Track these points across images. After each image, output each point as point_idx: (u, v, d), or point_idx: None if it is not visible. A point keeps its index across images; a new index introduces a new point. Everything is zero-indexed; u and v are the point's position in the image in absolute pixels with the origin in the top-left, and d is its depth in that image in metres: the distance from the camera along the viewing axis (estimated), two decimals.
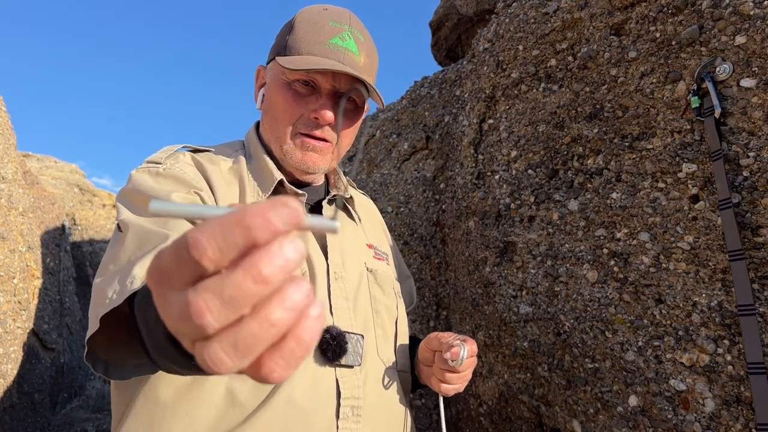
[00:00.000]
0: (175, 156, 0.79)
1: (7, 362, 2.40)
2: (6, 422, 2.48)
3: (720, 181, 0.90)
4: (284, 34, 0.81)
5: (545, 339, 1.20)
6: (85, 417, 3.39)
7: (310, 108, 0.78)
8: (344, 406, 0.70)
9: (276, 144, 0.81)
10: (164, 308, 0.25)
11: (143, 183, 0.71)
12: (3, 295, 2.38)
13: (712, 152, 0.92)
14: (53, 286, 3.35)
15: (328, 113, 0.77)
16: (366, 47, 0.81)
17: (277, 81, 0.80)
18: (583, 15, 1.23)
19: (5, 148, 2.60)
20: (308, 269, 0.76)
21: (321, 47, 0.77)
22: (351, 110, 0.83)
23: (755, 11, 0.90)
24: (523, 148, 1.34)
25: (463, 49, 3.11)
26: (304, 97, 0.79)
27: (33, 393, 2.83)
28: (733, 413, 0.85)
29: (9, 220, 2.52)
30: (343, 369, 0.72)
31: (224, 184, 0.79)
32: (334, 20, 0.79)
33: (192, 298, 0.23)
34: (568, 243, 1.18)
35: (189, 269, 0.23)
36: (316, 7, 0.82)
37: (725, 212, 0.88)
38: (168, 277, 0.24)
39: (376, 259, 0.90)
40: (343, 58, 0.77)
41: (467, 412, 1.58)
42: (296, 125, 0.79)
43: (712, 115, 0.92)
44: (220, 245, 0.22)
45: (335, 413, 0.69)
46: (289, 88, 0.79)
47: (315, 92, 0.79)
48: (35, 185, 3.63)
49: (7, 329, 2.38)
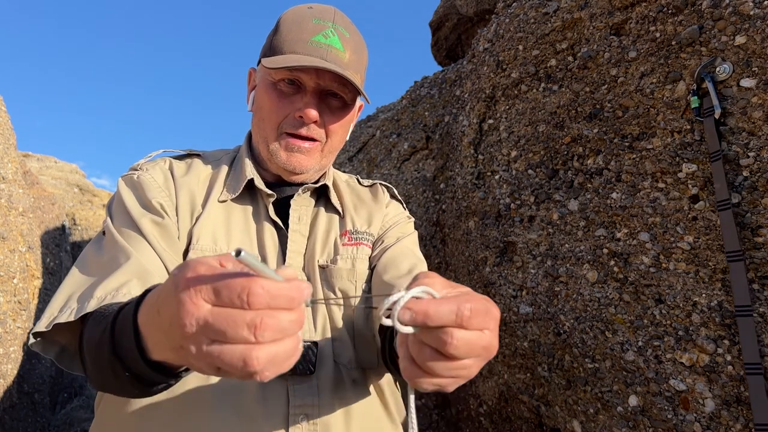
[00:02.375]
0: (153, 162, 0.82)
1: (7, 362, 2.40)
2: (6, 422, 2.48)
3: (719, 181, 0.90)
4: (270, 36, 0.82)
5: (545, 339, 1.20)
6: (85, 417, 3.39)
7: (295, 107, 0.78)
8: (294, 414, 0.69)
9: (263, 145, 0.81)
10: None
11: (122, 194, 0.78)
12: (3, 295, 2.38)
13: (711, 153, 0.92)
14: (53, 286, 3.35)
15: (312, 111, 0.76)
16: (352, 43, 0.80)
17: (263, 82, 0.80)
18: (583, 15, 1.23)
19: (5, 148, 2.60)
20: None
21: (304, 45, 0.77)
22: (338, 107, 0.81)
23: (755, 11, 0.90)
24: (523, 148, 1.34)
25: (463, 49, 3.11)
26: (289, 97, 0.78)
27: (33, 393, 2.83)
28: (733, 413, 0.85)
29: (9, 220, 2.52)
30: (295, 378, 0.71)
31: (194, 186, 0.81)
32: (318, 18, 0.79)
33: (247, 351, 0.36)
34: (568, 243, 1.18)
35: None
36: (301, 7, 0.82)
37: (724, 213, 0.88)
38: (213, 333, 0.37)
39: (346, 246, 0.85)
40: (327, 55, 0.76)
41: (467, 412, 1.58)
42: (282, 125, 0.79)
43: (711, 116, 0.92)
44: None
45: (284, 421, 0.68)
46: (274, 88, 0.79)
47: (300, 91, 0.79)
48: (35, 185, 3.63)
49: (7, 329, 2.39)
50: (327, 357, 0.76)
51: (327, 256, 0.83)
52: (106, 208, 0.78)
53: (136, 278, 0.66)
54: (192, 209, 0.79)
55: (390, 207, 0.95)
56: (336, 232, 0.86)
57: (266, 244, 0.79)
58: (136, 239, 0.71)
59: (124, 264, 0.67)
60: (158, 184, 0.78)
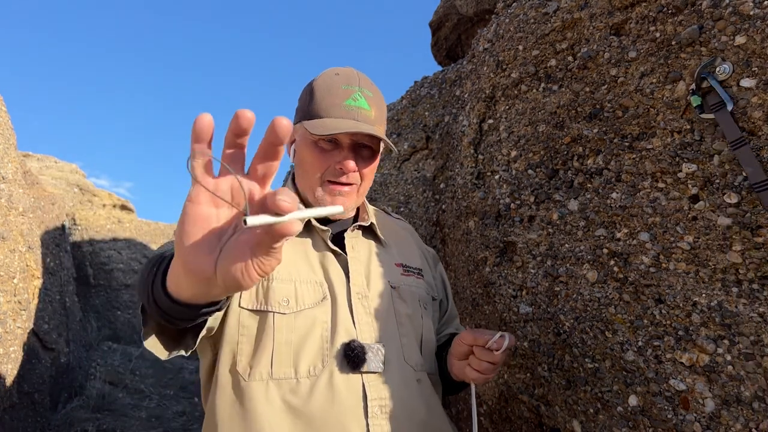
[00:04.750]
0: None
1: (7, 362, 2.39)
2: (6, 422, 2.48)
3: (752, 165, 0.87)
4: (305, 101, 0.97)
5: (545, 339, 1.20)
6: (85, 417, 3.39)
7: (335, 160, 0.95)
8: (372, 406, 0.82)
9: (309, 191, 0.97)
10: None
11: None
12: (3, 295, 2.38)
13: (731, 141, 0.90)
14: (53, 286, 3.35)
15: (350, 163, 0.94)
16: (375, 101, 0.97)
17: (305, 140, 0.96)
18: (583, 15, 1.23)
19: (5, 148, 2.60)
20: (329, 293, 0.91)
21: (338, 109, 0.93)
22: (368, 156, 0.99)
23: (755, 11, 0.90)
24: (523, 148, 1.34)
25: (463, 49, 3.11)
26: (328, 152, 0.95)
27: (33, 393, 2.83)
28: (733, 413, 0.85)
29: (9, 220, 2.52)
30: (369, 375, 0.85)
31: None
32: (346, 84, 0.95)
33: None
34: (568, 243, 1.18)
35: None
36: (329, 74, 0.97)
37: (764, 194, 0.85)
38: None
39: (404, 275, 1.03)
40: (358, 116, 0.94)
41: (467, 412, 1.58)
42: (324, 175, 0.95)
43: (724, 108, 0.91)
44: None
45: (364, 412, 0.81)
46: (315, 146, 0.95)
47: (337, 147, 0.95)
48: (35, 185, 3.63)
49: (7, 329, 2.38)
50: (397, 358, 0.90)
51: (394, 280, 1.00)
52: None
53: None
54: None
55: (419, 241, 1.21)
56: (388, 260, 1.03)
57: (330, 269, 0.94)
58: None
59: None
60: None
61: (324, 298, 0.90)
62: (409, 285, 1.02)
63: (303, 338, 0.85)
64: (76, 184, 6.01)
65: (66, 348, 3.50)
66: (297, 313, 0.86)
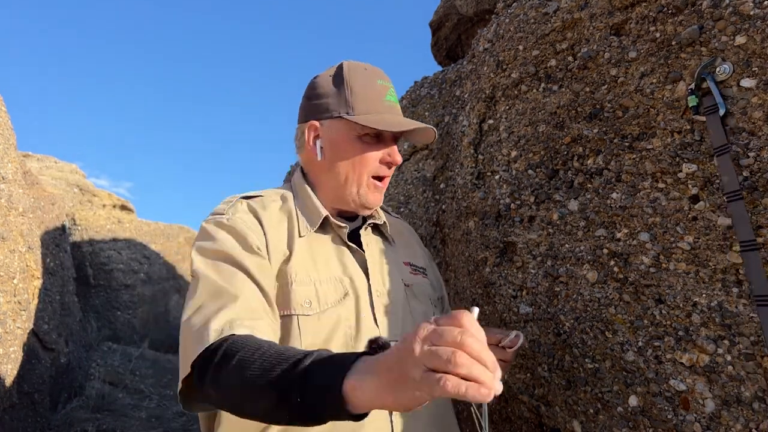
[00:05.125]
0: (234, 206, 0.94)
1: (7, 362, 2.39)
2: (6, 422, 2.48)
3: (728, 174, 0.89)
4: (335, 95, 0.96)
5: (545, 339, 1.20)
6: (85, 417, 3.39)
7: (384, 153, 0.96)
8: None
9: (349, 188, 0.97)
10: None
11: (217, 236, 0.88)
12: (3, 295, 2.38)
13: (716, 147, 0.91)
14: (53, 286, 3.35)
15: (399, 156, 0.97)
16: (396, 94, 1.00)
17: (347, 135, 0.95)
18: (583, 15, 1.23)
19: (5, 148, 2.59)
20: (351, 290, 0.91)
21: (382, 105, 0.95)
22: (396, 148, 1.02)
23: (755, 11, 0.90)
24: (523, 148, 1.34)
25: (463, 49, 3.11)
26: (373, 146, 0.96)
27: (33, 393, 2.83)
28: (733, 413, 0.85)
29: (9, 220, 2.52)
30: None
31: (275, 224, 0.93)
32: (380, 79, 0.97)
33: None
34: (568, 243, 1.18)
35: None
36: (357, 68, 0.97)
37: (736, 204, 0.87)
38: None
39: (412, 274, 1.04)
40: (395, 111, 0.97)
41: (467, 412, 1.58)
42: (370, 170, 0.96)
43: (716, 113, 0.91)
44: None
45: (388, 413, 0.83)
46: (360, 141, 0.95)
47: (380, 141, 0.96)
48: (35, 185, 3.62)
49: (7, 329, 2.38)
50: None
51: (406, 278, 1.02)
52: (195, 252, 0.87)
53: (247, 317, 0.77)
54: (280, 247, 0.91)
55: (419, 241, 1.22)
56: (397, 258, 1.04)
57: (348, 265, 0.94)
58: (239, 278, 0.81)
59: (232, 303, 0.77)
60: (248, 226, 0.90)
61: (346, 295, 0.90)
62: (419, 283, 1.04)
63: (328, 337, 0.86)
64: (76, 184, 6.01)
65: (66, 348, 3.50)
66: (321, 313, 0.87)
